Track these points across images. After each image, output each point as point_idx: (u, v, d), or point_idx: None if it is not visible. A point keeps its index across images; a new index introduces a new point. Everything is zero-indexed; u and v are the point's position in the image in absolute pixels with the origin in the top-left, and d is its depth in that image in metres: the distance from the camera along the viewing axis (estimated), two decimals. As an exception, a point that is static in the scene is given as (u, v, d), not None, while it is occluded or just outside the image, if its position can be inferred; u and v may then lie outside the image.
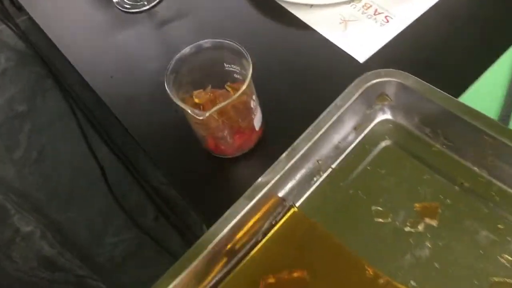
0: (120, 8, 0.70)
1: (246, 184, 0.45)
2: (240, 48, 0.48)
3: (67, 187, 1.01)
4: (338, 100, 0.50)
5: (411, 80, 0.49)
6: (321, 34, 0.61)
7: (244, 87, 0.46)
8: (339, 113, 0.49)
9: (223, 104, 0.45)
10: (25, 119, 0.90)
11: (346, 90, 0.50)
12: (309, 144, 0.48)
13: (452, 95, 0.48)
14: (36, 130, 0.92)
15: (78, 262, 1.08)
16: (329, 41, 0.60)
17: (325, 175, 0.50)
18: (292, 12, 0.64)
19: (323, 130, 0.49)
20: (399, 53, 0.58)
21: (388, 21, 0.60)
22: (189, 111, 0.45)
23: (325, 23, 0.62)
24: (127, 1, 0.71)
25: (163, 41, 0.67)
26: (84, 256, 1.10)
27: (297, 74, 0.59)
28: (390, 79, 0.50)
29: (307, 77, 0.58)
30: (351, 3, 0.63)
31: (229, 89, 0.52)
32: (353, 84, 0.51)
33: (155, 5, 0.69)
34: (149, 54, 0.65)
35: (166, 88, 0.47)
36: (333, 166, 0.51)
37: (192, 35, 0.66)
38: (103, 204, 1.08)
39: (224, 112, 0.48)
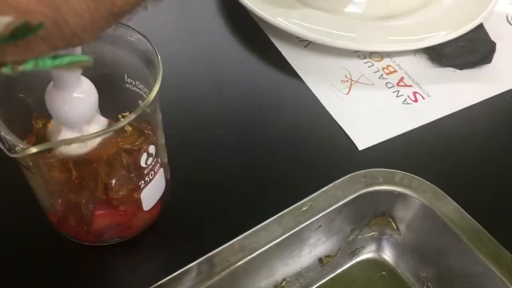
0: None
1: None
2: (144, 41, 0.24)
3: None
4: (301, 213, 0.27)
5: (449, 206, 0.27)
6: (311, 91, 0.39)
7: (132, 116, 0.23)
8: (294, 230, 0.27)
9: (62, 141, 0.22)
10: None
11: (317, 194, 0.28)
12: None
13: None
14: None
15: None
16: (319, 103, 0.38)
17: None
18: (280, 51, 0.42)
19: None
20: (421, 151, 0.36)
21: (416, 100, 0.39)
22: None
23: (320, 75, 0.40)
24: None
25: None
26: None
27: (250, 146, 0.36)
28: (409, 193, 0.28)
29: (264, 157, 0.35)
30: (366, 59, 0.42)
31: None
32: (333, 184, 0.28)
33: None
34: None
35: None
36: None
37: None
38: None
39: (85, 161, 0.25)
